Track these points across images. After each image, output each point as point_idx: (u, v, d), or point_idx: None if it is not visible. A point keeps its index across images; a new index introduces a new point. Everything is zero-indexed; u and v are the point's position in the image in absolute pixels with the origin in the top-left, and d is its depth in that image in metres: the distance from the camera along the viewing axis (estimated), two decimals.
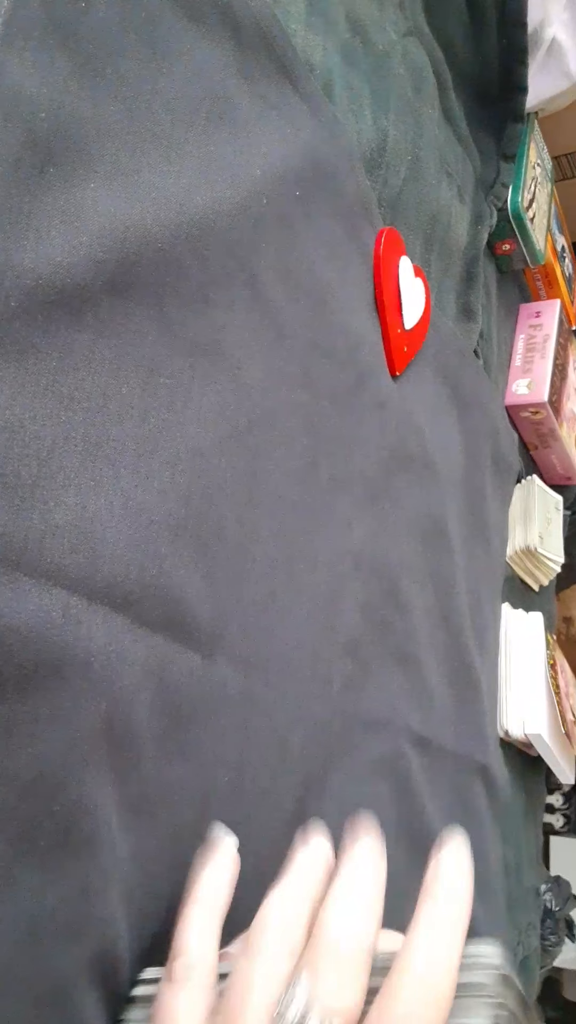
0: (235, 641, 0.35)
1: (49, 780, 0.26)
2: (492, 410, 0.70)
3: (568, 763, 0.76)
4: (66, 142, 0.27)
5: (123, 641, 0.29)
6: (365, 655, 0.46)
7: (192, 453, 0.33)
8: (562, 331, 0.81)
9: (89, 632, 0.27)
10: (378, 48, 0.49)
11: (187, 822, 0.32)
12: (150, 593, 0.30)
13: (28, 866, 0.25)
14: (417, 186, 0.54)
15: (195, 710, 0.33)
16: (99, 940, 0.28)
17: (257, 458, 0.37)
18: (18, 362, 0.25)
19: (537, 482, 0.80)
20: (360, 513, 0.46)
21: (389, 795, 0.48)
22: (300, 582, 0.40)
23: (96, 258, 0.27)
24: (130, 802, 0.30)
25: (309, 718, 0.41)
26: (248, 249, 0.36)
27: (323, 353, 0.42)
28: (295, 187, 0.39)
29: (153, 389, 0.31)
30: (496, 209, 0.67)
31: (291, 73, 0.39)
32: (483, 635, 0.65)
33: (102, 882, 0.28)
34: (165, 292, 0.31)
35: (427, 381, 0.57)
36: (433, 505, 0.56)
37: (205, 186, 0.33)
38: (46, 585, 0.26)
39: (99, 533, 0.28)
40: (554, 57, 0.68)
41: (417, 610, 0.53)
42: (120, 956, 0.28)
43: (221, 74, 0.35)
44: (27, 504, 0.25)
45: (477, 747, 0.60)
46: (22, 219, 0.25)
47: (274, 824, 0.38)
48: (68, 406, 0.27)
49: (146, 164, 0.30)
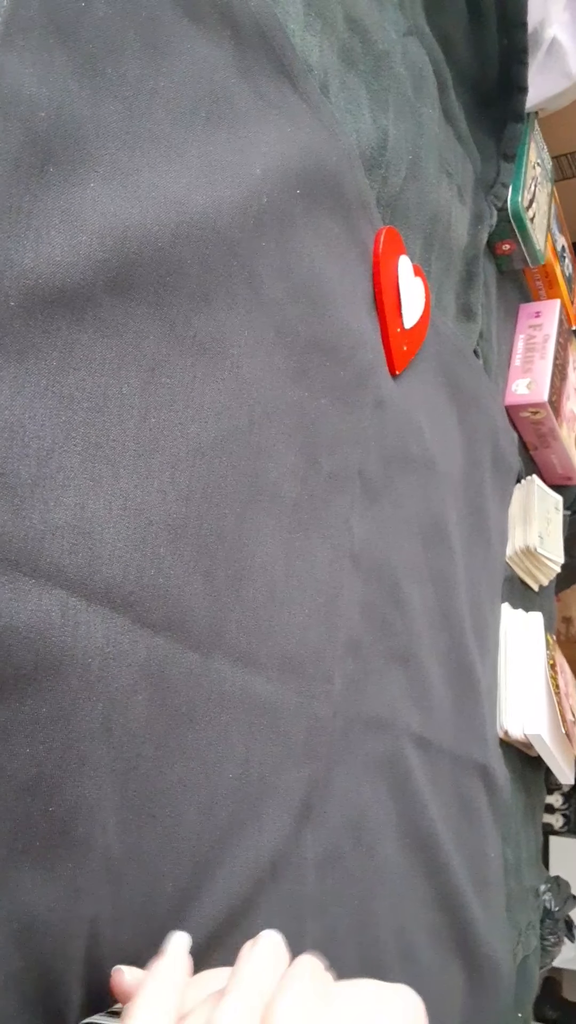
0: (234, 640, 0.35)
1: (46, 781, 0.26)
2: (492, 410, 0.70)
3: (568, 763, 0.76)
4: (66, 141, 0.27)
5: (122, 642, 0.29)
6: (366, 654, 0.46)
7: (192, 452, 0.33)
8: (562, 331, 0.81)
9: (88, 632, 0.27)
10: (378, 48, 0.49)
11: (189, 821, 0.32)
12: (149, 594, 0.30)
13: (22, 866, 0.25)
14: (417, 185, 0.54)
15: (195, 709, 0.33)
16: (88, 940, 0.28)
17: (257, 457, 0.37)
18: (18, 362, 0.25)
19: (537, 482, 0.80)
20: (360, 512, 0.46)
21: (389, 794, 0.48)
22: (300, 581, 0.40)
23: (96, 258, 0.27)
24: (129, 803, 0.29)
25: (311, 717, 0.41)
26: (248, 248, 0.36)
27: (323, 352, 0.42)
28: (295, 186, 0.39)
29: (154, 388, 0.31)
30: (496, 209, 0.67)
31: (290, 72, 0.39)
32: (483, 635, 0.65)
33: (94, 883, 0.28)
34: (165, 291, 0.31)
35: (427, 381, 0.57)
36: (433, 505, 0.56)
37: (205, 185, 0.33)
38: (46, 585, 0.26)
39: (98, 533, 0.28)
40: (554, 57, 0.68)
41: (417, 610, 0.53)
42: (105, 957, 0.28)
43: (221, 73, 0.35)
44: (27, 504, 0.25)
45: (477, 747, 0.60)
46: (22, 219, 0.25)
47: (283, 821, 0.38)
48: (68, 406, 0.27)
49: (146, 163, 0.30)
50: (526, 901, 0.74)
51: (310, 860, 0.40)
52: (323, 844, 0.42)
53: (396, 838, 0.48)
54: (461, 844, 0.56)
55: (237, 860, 0.35)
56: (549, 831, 1.43)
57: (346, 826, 0.44)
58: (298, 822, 0.39)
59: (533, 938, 0.75)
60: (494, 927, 0.59)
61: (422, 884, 0.51)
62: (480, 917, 0.56)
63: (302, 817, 0.39)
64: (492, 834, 0.62)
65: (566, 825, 1.44)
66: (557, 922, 0.79)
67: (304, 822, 0.40)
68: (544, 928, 0.78)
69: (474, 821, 0.59)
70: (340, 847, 0.43)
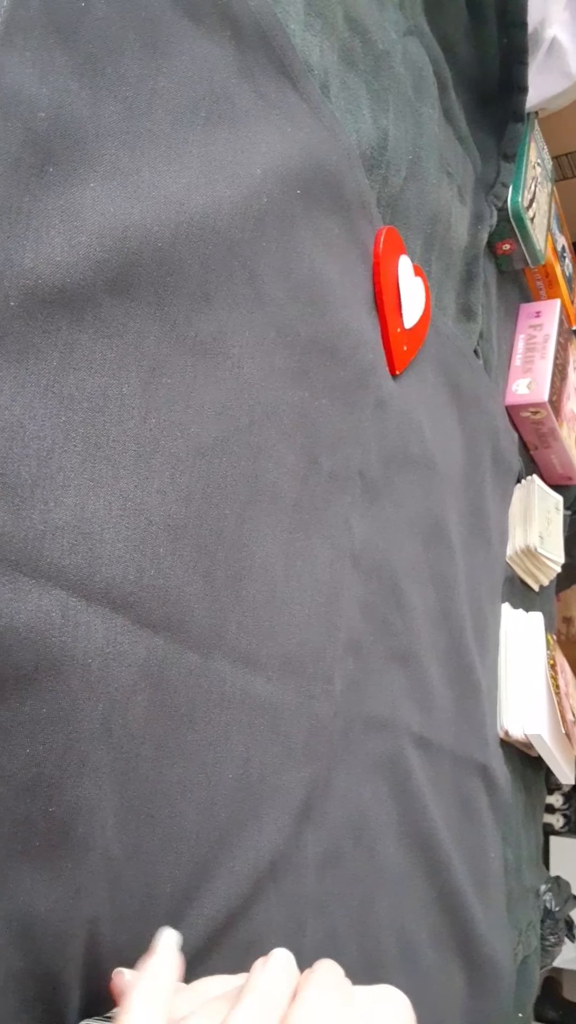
0: (235, 640, 0.35)
1: (46, 781, 0.26)
2: (492, 410, 0.70)
3: (568, 763, 0.76)
4: (66, 141, 0.27)
5: (122, 643, 0.29)
6: (366, 654, 0.46)
7: (193, 453, 0.33)
8: (562, 331, 0.81)
9: (88, 633, 0.27)
10: (378, 48, 0.49)
11: (189, 821, 0.32)
12: (149, 594, 0.30)
13: (22, 866, 0.25)
14: (417, 185, 0.54)
15: (195, 709, 0.33)
16: (88, 940, 0.28)
17: (258, 457, 0.37)
18: (18, 362, 0.25)
19: (537, 482, 0.80)
20: (360, 512, 0.46)
21: (390, 794, 0.48)
22: (300, 581, 0.40)
23: (96, 258, 0.27)
24: (129, 803, 0.29)
25: (312, 717, 0.41)
26: (248, 248, 0.36)
27: (323, 352, 0.42)
28: (295, 186, 0.39)
29: (154, 389, 0.31)
30: (496, 209, 0.67)
31: (290, 72, 0.39)
32: (483, 635, 0.64)
33: (93, 883, 0.28)
34: (166, 291, 0.31)
35: (427, 380, 0.57)
36: (433, 505, 0.56)
37: (205, 185, 0.33)
38: (45, 586, 0.26)
39: (98, 534, 0.28)
40: (554, 57, 0.68)
41: (417, 610, 0.53)
42: (104, 957, 0.28)
43: (221, 73, 0.34)
44: (27, 504, 0.25)
45: (477, 747, 0.60)
46: (22, 219, 0.25)
47: (283, 822, 0.38)
48: (68, 406, 0.27)
49: (146, 163, 0.30)
50: (526, 901, 0.74)
51: (310, 860, 0.40)
52: (323, 844, 0.42)
53: (396, 838, 0.48)
54: (461, 844, 0.56)
55: (237, 860, 0.35)
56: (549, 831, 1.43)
57: (346, 826, 0.44)
58: (298, 822, 0.39)
59: (533, 938, 0.74)
60: (495, 927, 0.59)
61: (423, 884, 0.51)
62: (481, 917, 0.56)
63: (302, 817, 0.39)
64: (493, 834, 0.62)
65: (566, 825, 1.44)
66: (557, 922, 0.79)
67: (304, 822, 0.40)
68: (544, 928, 0.78)
69: (475, 821, 0.59)
70: (340, 847, 0.43)
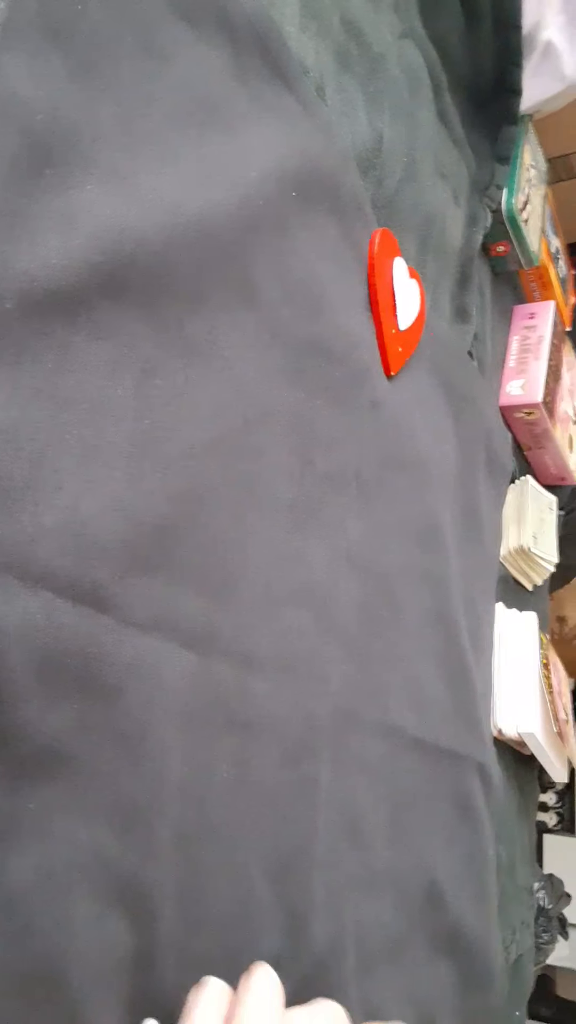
0: (230, 640, 0.35)
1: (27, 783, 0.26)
2: (486, 411, 0.70)
3: (561, 761, 0.76)
4: (62, 144, 0.27)
5: (105, 643, 0.29)
6: (361, 655, 0.47)
7: (186, 454, 0.33)
8: (556, 332, 0.81)
9: (74, 634, 0.27)
10: (373, 50, 0.49)
11: (184, 824, 0.32)
12: (138, 594, 0.30)
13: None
14: (412, 187, 0.54)
15: (190, 709, 0.33)
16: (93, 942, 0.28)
17: (252, 458, 0.37)
18: (13, 364, 0.25)
19: (531, 482, 0.80)
20: (355, 513, 0.46)
21: (386, 795, 0.48)
22: (294, 581, 0.40)
23: (91, 260, 0.27)
24: (115, 804, 0.30)
25: (307, 716, 0.41)
26: (243, 250, 0.36)
27: (318, 353, 0.42)
28: (290, 188, 0.39)
29: (148, 391, 0.31)
30: (490, 211, 0.67)
31: (286, 75, 0.39)
32: (477, 635, 0.65)
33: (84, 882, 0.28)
34: (160, 293, 0.31)
35: (422, 382, 0.57)
36: (427, 505, 0.56)
37: (200, 188, 0.33)
38: (33, 588, 0.26)
39: (89, 536, 0.28)
40: (549, 60, 0.68)
41: (412, 610, 0.53)
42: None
43: (216, 76, 0.35)
44: (19, 507, 0.25)
45: (473, 746, 0.60)
46: (18, 221, 0.25)
47: (276, 822, 0.38)
48: (63, 408, 0.27)
49: (142, 166, 0.30)
50: (520, 899, 0.74)
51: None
52: (319, 845, 0.42)
53: (392, 838, 0.49)
54: (456, 842, 0.56)
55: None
56: (543, 829, 1.44)
57: (342, 827, 0.44)
58: (293, 825, 0.39)
59: (527, 936, 0.75)
60: (487, 926, 0.59)
61: (415, 882, 0.51)
62: (473, 915, 0.56)
63: (297, 819, 0.40)
64: (488, 832, 0.62)
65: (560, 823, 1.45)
66: (551, 920, 0.79)
67: (301, 824, 0.40)
68: (538, 926, 0.78)
69: (470, 819, 0.59)
70: (336, 848, 0.43)
